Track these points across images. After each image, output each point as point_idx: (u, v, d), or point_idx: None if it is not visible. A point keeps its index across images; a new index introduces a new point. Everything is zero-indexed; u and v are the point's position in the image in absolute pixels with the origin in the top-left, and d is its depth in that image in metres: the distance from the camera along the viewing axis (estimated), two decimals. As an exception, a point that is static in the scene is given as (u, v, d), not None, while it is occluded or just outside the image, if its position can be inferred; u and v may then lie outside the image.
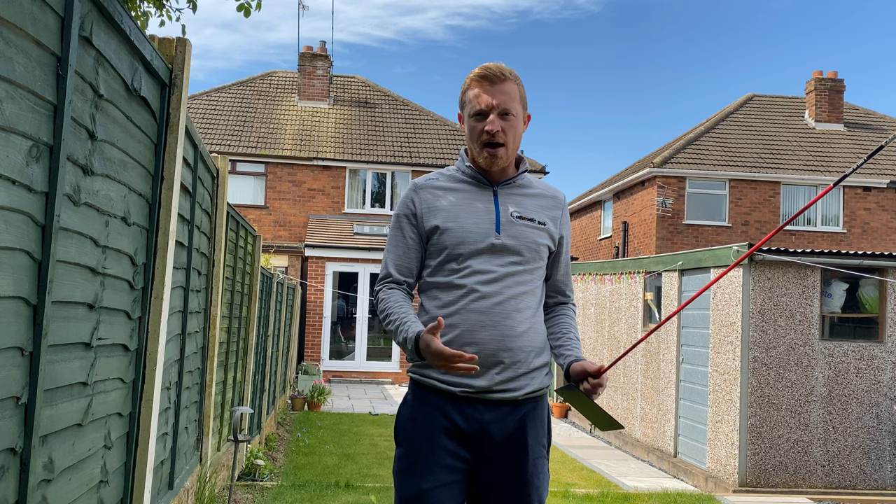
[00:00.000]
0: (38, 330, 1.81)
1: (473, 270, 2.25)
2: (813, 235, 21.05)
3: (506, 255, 2.28)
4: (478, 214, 2.30)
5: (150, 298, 2.87)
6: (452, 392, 2.23)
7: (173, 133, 2.98)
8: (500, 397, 2.24)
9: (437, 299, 2.29)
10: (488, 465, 2.25)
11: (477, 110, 2.28)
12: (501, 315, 2.23)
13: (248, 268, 6.75)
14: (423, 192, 2.36)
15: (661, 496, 7.44)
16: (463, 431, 2.23)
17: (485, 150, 2.29)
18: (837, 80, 23.44)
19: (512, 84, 2.30)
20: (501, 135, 2.27)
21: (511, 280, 2.27)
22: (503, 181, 2.36)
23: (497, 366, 2.22)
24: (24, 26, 1.64)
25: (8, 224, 1.63)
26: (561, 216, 2.43)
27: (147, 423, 2.88)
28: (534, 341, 2.29)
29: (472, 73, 2.33)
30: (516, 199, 2.36)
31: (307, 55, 22.80)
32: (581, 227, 27.33)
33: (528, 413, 2.29)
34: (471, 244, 2.27)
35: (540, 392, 2.32)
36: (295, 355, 15.31)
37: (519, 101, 2.32)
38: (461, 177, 2.38)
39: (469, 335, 2.22)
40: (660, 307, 10.26)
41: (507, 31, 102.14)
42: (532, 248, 2.31)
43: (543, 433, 2.33)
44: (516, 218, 2.32)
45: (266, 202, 20.39)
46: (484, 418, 2.23)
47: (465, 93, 2.35)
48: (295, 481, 7.11)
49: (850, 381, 8.23)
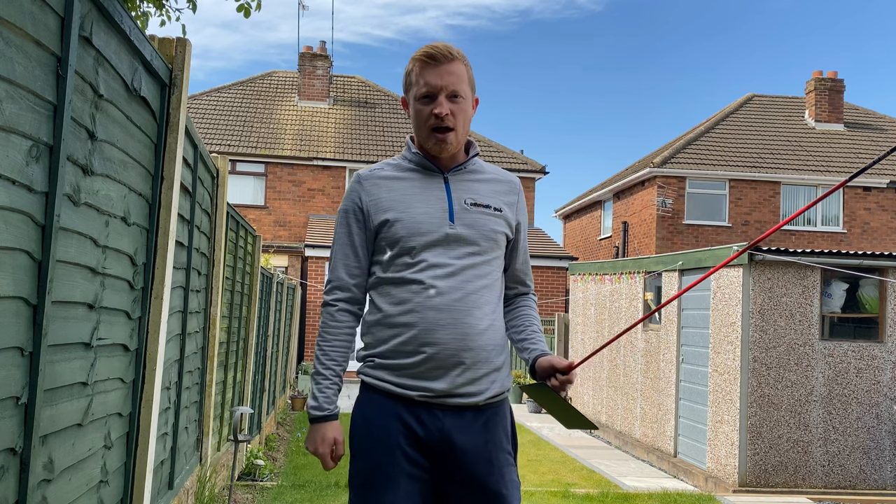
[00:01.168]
0: (38, 330, 1.81)
1: (429, 264, 2.09)
2: (813, 235, 21.05)
3: (462, 246, 2.13)
4: (429, 204, 2.14)
5: (150, 298, 2.87)
6: (409, 396, 2.08)
7: (173, 133, 2.98)
8: (460, 402, 2.09)
9: (391, 296, 2.12)
10: (452, 477, 2.09)
11: (424, 93, 2.12)
12: (461, 312, 2.08)
13: (248, 268, 6.75)
14: (367, 183, 2.19)
15: (661, 496, 7.44)
16: (421, 440, 2.07)
17: (433, 134, 2.13)
18: (837, 80, 23.45)
19: (460, 64, 2.15)
20: (451, 118, 2.12)
21: (470, 273, 2.12)
22: (453, 167, 2.20)
23: (457, 367, 2.07)
24: (24, 26, 1.64)
25: (8, 224, 1.63)
26: (517, 201, 2.28)
27: (147, 423, 2.88)
28: (494, 339, 2.14)
29: (418, 52, 2.16)
30: (469, 186, 2.20)
31: (307, 55, 22.80)
32: (581, 227, 27.33)
33: (491, 419, 2.14)
34: (423, 235, 2.11)
35: (501, 396, 2.18)
36: (295, 355, 15.31)
37: (467, 82, 2.16)
38: (408, 165, 2.21)
39: (427, 335, 2.06)
40: (660, 307, 10.25)
41: (508, 31, 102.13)
42: (489, 236, 2.16)
43: (508, 440, 2.18)
44: (470, 205, 2.17)
45: (266, 202, 20.39)
46: (444, 425, 2.08)
47: (409, 74, 2.18)
48: (295, 481, 7.11)
49: (850, 381, 8.23)
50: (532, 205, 21.70)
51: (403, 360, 2.09)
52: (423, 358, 2.07)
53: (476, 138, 22.77)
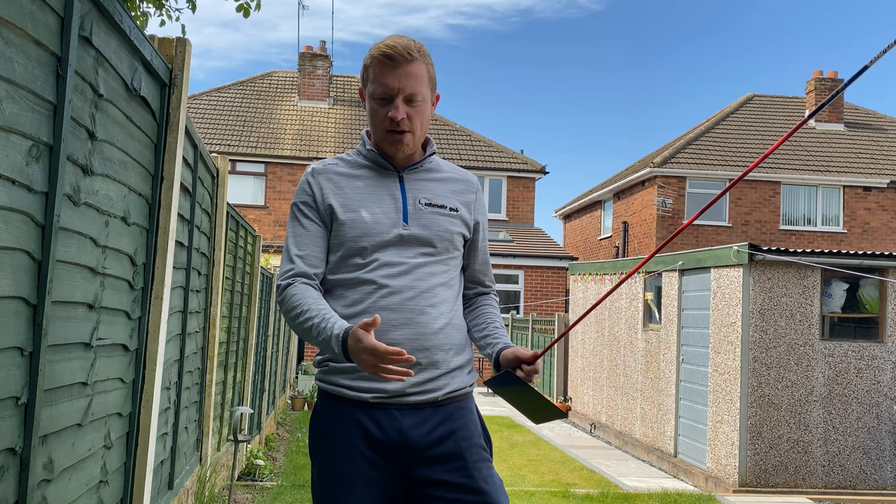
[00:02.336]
0: (37, 330, 1.81)
1: (381, 263, 2.03)
2: (813, 235, 21.05)
3: (416, 247, 2.06)
4: (382, 203, 2.08)
5: (150, 298, 2.87)
6: (364, 399, 2.00)
7: (173, 133, 2.98)
8: (416, 400, 2.01)
9: (344, 297, 2.05)
10: (424, 479, 2.00)
11: (380, 94, 2.05)
12: (415, 311, 2.01)
13: (248, 268, 6.75)
14: (321, 177, 2.11)
15: (661, 496, 7.44)
16: (380, 443, 1.99)
17: (388, 136, 2.07)
18: (837, 80, 23.44)
19: (420, 64, 2.06)
20: (406, 122, 2.05)
21: (423, 272, 2.05)
22: (409, 166, 2.13)
23: (412, 367, 1.97)
24: (24, 26, 1.64)
25: (8, 224, 1.63)
26: (475, 200, 2.21)
27: (147, 423, 2.88)
28: (452, 338, 2.07)
29: (376, 48, 2.06)
30: (425, 185, 2.14)
31: (307, 55, 22.80)
32: (581, 227, 27.33)
33: (454, 414, 2.05)
34: (376, 236, 2.04)
35: (463, 391, 2.09)
36: (295, 355, 15.31)
37: (427, 83, 2.09)
38: (363, 162, 2.14)
39: (380, 335, 1.96)
40: (660, 307, 10.26)
41: (509, 30, 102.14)
42: (444, 237, 2.09)
43: (479, 434, 2.08)
44: (425, 206, 2.10)
45: (266, 202, 20.39)
46: (402, 425, 2.00)
47: (367, 69, 2.09)
48: (295, 481, 7.11)
49: (850, 381, 8.23)
50: (532, 205, 21.70)
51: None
52: None
53: (476, 138, 22.78)
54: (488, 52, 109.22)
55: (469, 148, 22.26)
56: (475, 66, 47.88)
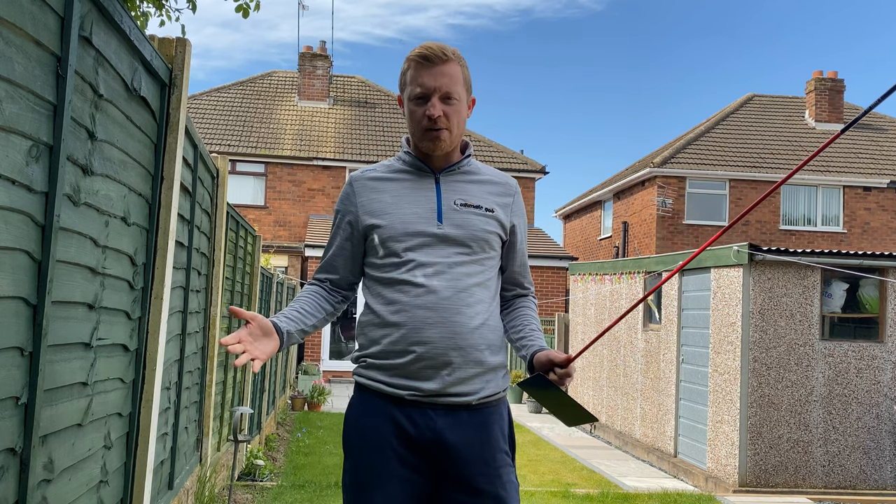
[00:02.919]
0: (38, 330, 1.81)
1: (417, 263, 2.09)
2: (813, 235, 21.05)
3: (451, 246, 2.11)
4: (418, 204, 2.14)
5: (150, 298, 2.87)
6: (400, 396, 2.06)
7: (173, 133, 2.98)
8: (452, 401, 2.06)
9: (381, 296, 2.13)
10: (448, 477, 2.07)
11: (417, 94, 2.12)
12: (451, 311, 2.06)
13: (248, 268, 6.75)
14: (357, 184, 2.21)
15: (661, 496, 7.44)
16: (413, 439, 2.05)
17: (426, 133, 2.13)
18: (837, 80, 23.45)
19: (455, 65, 2.14)
20: (444, 119, 2.11)
21: (459, 272, 2.10)
22: (446, 168, 2.19)
23: (447, 367, 2.04)
24: (24, 26, 1.64)
25: (8, 224, 1.63)
26: (512, 203, 2.26)
27: (147, 423, 2.88)
28: (487, 338, 2.11)
29: (413, 52, 2.15)
30: (461, 186, 2.19)
31: (307, 55, 22.80)
32: (581, 227, 27.33)
33: (487, 419, 2.10)
34: (411, 236, 2.11)
35: (497, 396, 2.14)
36: (295, 355, 15.31)
37: (462, 83, 2.16)
38: (401, 166, 2.22)
39: (416, 334, 2.04)
40: (660, 307, 10.26)
41: (509, 30, 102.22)
42: (479, 237, 2.14)
43: (505, 440, 2.14)
44: (460, 206, 2.15)
45: (266, 202, 20.39)
46: (436, 425, 2.05)
47: (404, 74, 2.17)
48: (295, 481, 7.11)
49: (850, 381, 8.23)
50: (532, 205, 21.69)
51: (394, 360, 2.07)
52: (413, 357, 2.05)
53: (476, 138, 22.77)
54: (488, 52, 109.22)
55: (469, 148, 22.21)
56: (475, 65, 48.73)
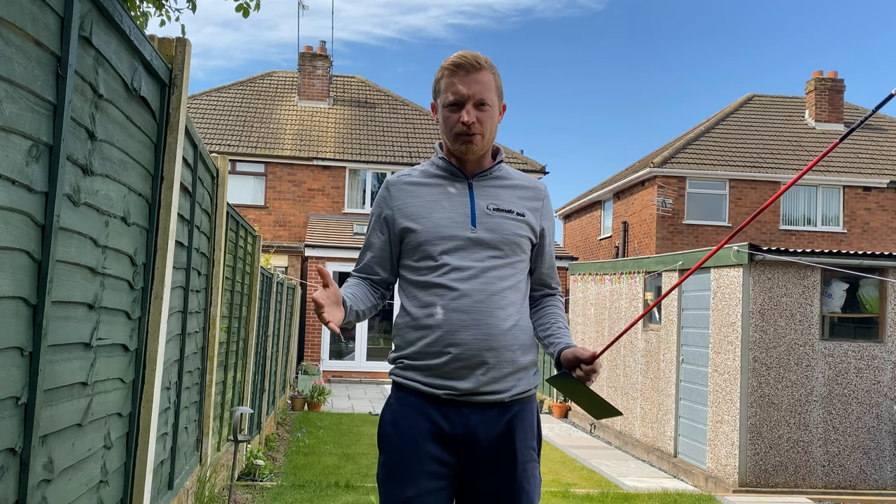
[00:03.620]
0: (37, 330, 1.81)
1: (452, 267, 2.16)
2: (813, 235, 21.05)
3: (484, 250, 2.19)
4: (452, 209, 2.22)
5: (149, 298, 2.87)
6: (436, 395, 2.14)
7: (173, 133, 2.98)
8: (486, 399, 2.15)
9: (416, 299, 2.20)
10: (476, 471, 2.16)
11: (451, 101, 2.20)
12: (484, 313, 2.14)
13: (248, 268, 6.75)
14: (394, 188, 2.29)
15: (661, 496, 7.44)
16: (448, 436, 2.14)
17: (459, 139, 2.21)
18: (837, 80, 23.44)
19: (488, 73, 2.22)
20: (477, 125, 2.19)
21: (492, 275, 2.17)
22: (479, 173, 2.27)
23: (481, 367, 2.13)
24: (24, 26, 1.64)
25: (8, 224, 1.63)
26: (542, 207, 2.33)
27: (147, 423, 2.88)
28: (519, 339, 2.19)
29: (447, 61, 2.23)
30: (493, 191, 2.27)
31: (307, 55, 22.80)
32: (581, 227, 27.33)
33: (517, 415, 2.19)
34: (446, 240, 2.18)
35: (528, 393, 2.23)
36: (295, 355, 15.31)
37: (495, 91, 2.24)
38: (434, 171, 2.30)
39: (451, 336, 2.12)
40: (660, 307, 10.26)
41: (509, 30, 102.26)
42: (511, 240, 2.21)
43: (533, 436, 2.24)
44: (493, 210, 2.23)
45: (266, 202, 20.39)
46: (470, 422, 2.14)
47: (438, 82, 2.26)
48: (295, 481, 7.11)
49: (850, 381, 8.23)
50: (532, 205, 21.68)
51: (430, 361, 2.15)
52: (449, 358, 2.13)
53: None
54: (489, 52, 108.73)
55: (469, 148, 22.23)
56: (475, 66, 49.23)
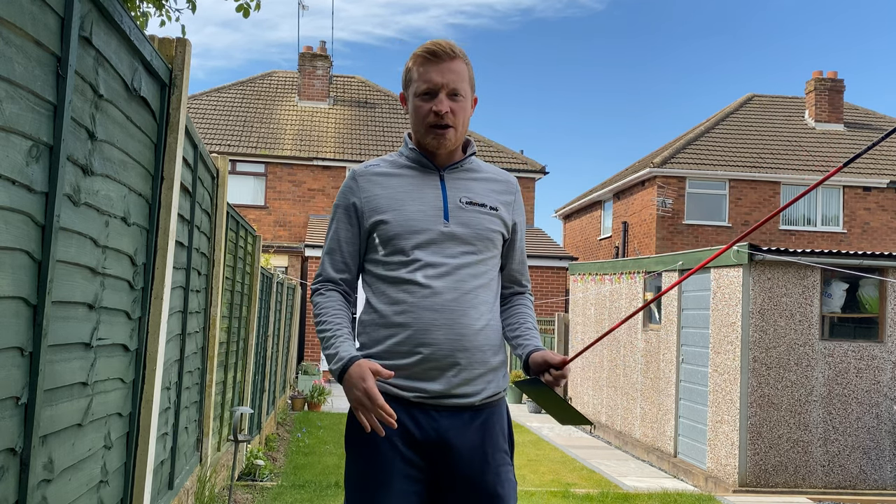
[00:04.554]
0: (38, 330, 1.81)
1: (424, 263, 2.07)
2: (813, 235, 21.05)
3: (457, 245, 2.11)
4: (423, 202, 2.13)
5: (150, 298, 2.87)
6: (405, 398, 2.06)
7: (173, 133, 2.98)
8: (456, 403, 2.07)
9: (385, 295, 2.10)
10: (450, 477, 2.08)
11: (424, 90, 2.11)
12: (457, 313, 2.06)
13: (248, 268, 6.75)
14: (362, 179, 2.18)
15: (661, 496, 7.44)
16: (418, 441, 2.06)
17: (431, 130, 2.12)
18: (837, 80, 23.44)
19: (461, 63, 2.14)
20: (450, 116, 2.10)
21: (465, 273, 2.10)
22: (450, 165, 2.19)
23: (453, 367, 2.05)
24: (24, 26, 1.64)
25: (8, 224, 1.63)
26: (514, 201, 2.26)
27: (147, 423, 2.88)
28: (491, 339, 2.13)
29: (419, 49, 2.15)
30: (465, 184, 2.18)
31: (307, 55, 22.80)
32: (581, 227, 27.33)
33: (488, 419, 2.12)
34: (417, 234, 2.09)
35: (498, 396, 2.17)
36: (295, 355, 15.30)
37: (468, 81, 2.16)
38: (404, 162, 2.20)
39: (422, 335, 2.04)
40: (660, 307, 10.26)
41: (510, 30, 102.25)
42: (484, 235, 2.14)
43: (504, 439, 2.17)
44: (466, 204, 2.15)
45: (266, 202, 20.39)
46: (440, 426, 2.06)
47: (409, 70, 2.17)
48: (295, 481, 7.11)
49: (850, 381, 8.23)
50: (532, 205, 21.69)
51: (399, 361, 2.06)
52: (419, 359, 2.05)
53: (476, 138, 22.77)
54: (489, 52, 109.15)
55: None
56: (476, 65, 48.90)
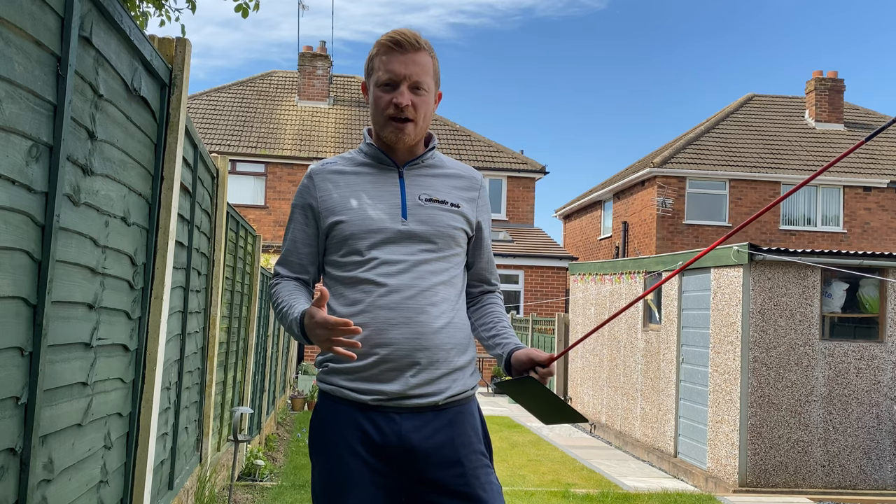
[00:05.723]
0: (37, 330, 1.81)
1: (380, 262, 2.00)
2: (813, 235, 21.05)
3: (416, 243, 2.02)
4: (381, 199, 2.05)
5: (149, 298, 2.87)
6: (363, 401, 1.98)
7: (173, 133, 2.98)
8: (417, 403, 1.97)
9: (343, 297, 2.03)
10: (422, 482, 1.98)
11: (385, 80, 2.03)
12: (415, 310, 1.97)
13: (248, 268, 6.75)
14: (317, 178, 2.10)
15: (661, 496, 7.44)
16: (379, 446, 1.97)
17: (390, 122, 2.03)
18: (837, 79, 23.45)
19: (426, 55, 2.06)
20: (411, 109, 2.02)
21: (423, 269, 2.01)
22: (410, 161, 2.10)
23: (412, 367, 1.96)
24: (23, 26, 1.64)
25: (8, 224, 1.63)
26: (478, 198, 2.17)
27: (147, 423, 2.88)
28: (454, 337, 2.03)
29: (383, 37, 2.06)
30: (425, 181, 2.10)
31: (307, 55, 22.81)
32: (581, 227, 27.33)
33: (455, 419, 2.01)
34: (374, 233, 2.01)
35: (465, 394, 2.06)
36: (295, 355, 15.31)
37: (432, 75, 2.07)
38: (362, 158, 2.12)
39: (379, 335, 1.96)
40: (660, 307, 10.26)
41: (510, 29, 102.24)
42: (445, 233, 2.06)
43: (479, 439, 2.06)
44: (425, 201, 2.07)
45: (266, 202, 20.39)
46: (402, 429, 1.97)
47: (372, 59, 2.08)
48: (295, 481, 7.11)
49: (850, 381, 8.23)
50: (532, 205, 21.70)
51: (356, 363, 1.98)
52: (376, 360, 1.97)
53: (476, 138, 22.78)
54: (489, 51, 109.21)
55: (469, 148, 22.26)
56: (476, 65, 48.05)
